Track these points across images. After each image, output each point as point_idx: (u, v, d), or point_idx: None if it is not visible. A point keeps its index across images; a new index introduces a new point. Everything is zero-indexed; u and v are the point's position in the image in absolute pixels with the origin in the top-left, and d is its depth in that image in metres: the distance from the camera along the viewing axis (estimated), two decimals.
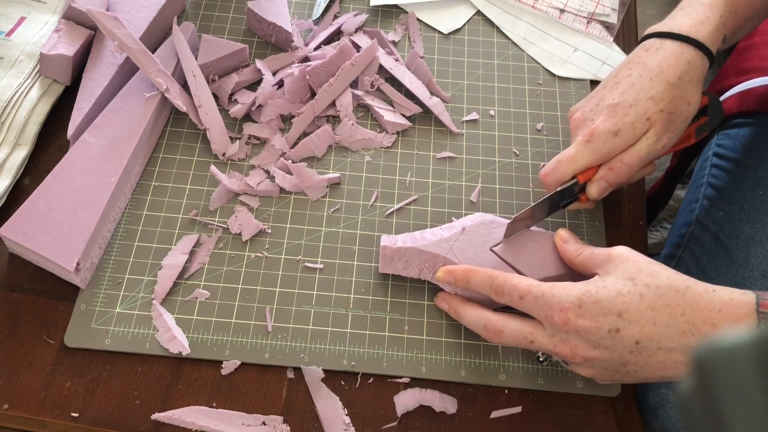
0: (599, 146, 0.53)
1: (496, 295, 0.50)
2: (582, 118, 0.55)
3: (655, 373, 0.46)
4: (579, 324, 0.45)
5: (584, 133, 0.54)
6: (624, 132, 0.53)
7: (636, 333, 0.45)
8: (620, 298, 0.46)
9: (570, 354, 0.47)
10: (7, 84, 0.62)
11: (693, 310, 0.45)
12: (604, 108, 0.54)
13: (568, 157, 0.54)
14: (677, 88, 0.53)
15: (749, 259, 0.60)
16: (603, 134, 0.53)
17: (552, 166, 0.55)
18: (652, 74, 0.53)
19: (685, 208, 0.70)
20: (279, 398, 0.53)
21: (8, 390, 0.52)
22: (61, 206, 0.56)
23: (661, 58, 0.53)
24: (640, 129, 0.53)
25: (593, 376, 0.48)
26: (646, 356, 0.45)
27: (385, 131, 0.65)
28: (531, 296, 0.48)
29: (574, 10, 0.75)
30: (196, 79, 0.63)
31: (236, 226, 0.59)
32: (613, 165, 0.54)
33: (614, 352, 0.46)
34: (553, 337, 0.47)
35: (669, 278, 0.46)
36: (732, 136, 0.69)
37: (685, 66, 0.53)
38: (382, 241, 0.56)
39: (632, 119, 0.52)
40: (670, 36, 0.54)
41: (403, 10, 0.74)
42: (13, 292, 0.56)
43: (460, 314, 0.53)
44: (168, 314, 0.55)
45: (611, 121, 0.53)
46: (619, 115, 0.53)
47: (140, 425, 0.52)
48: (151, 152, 0.63)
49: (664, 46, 0.54)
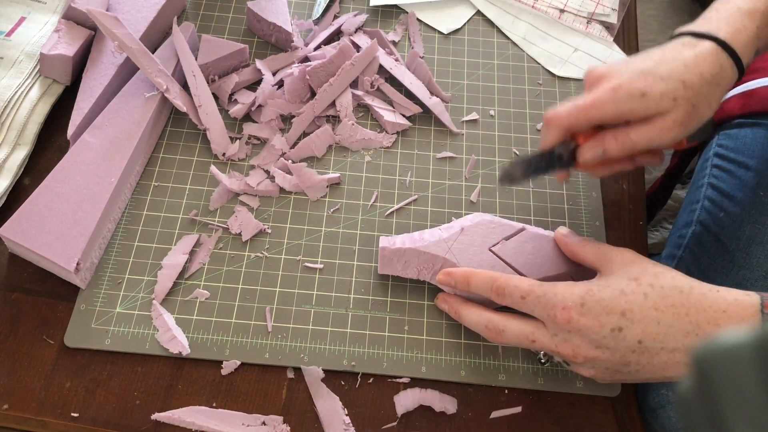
0: (624, 101, 0.48)
1: (497, 297, 0.50)
2: (605, 74, 0.51)
3: (657, 374, 0.46)
4: (582, 323, 0.45)
5: (610, 84, 0.49)
6: (651, 98, 0.48)
7: (639, 332, 0.45)
8: (624, 297, 0.45)
9: (572, 354, 0.46)
10: (7, 84, 0.62)
11: (697, 311, 0.45)
12: (633, 70, 0.50)
13: (590, 102, 0.49)
14: (708, 84, 0.50)
15: (750, 260, 0.60)
16: (633, 90, 0.48)
17: (568, 108, 0.50)
18: (688, 63, 0.50)
19: (685, 208, 0.70)
20: (279, 398, 0.53)
21: (8, 390, 0.52)
22: (61, 206, 0.56)
23: (698, 54, 0.50)
24: (664, 104, 0.49)
25: (594, 376, 0.48)
26: (649, 356, 0.45)
27: (385, 131, 0.65)
28: (533, 296, 0.48)
29: (574, 10, 0.75)
30: (196, 79, 0.63)
31: (236, 226, 0.59)
32: (618, 134, 0.50)
33: (616, 352, 0.45)
34: (555, 337, 0.47)
35: (673, 278, 0.46)
36: (733, 136, 0.69)
37: (719, 68, 0.50)
38: (380, 242, 0.56)
39: (661, 90, 0.48)
40: (708, 38, 0.51)
41: (403, 10, 0.74)
42: (13, 292, 0.56)
43: (461, 315, 0.53)
44: (168, 314, 0.55)
45: (642, 83, 0.49)
46: (649, 81, 0.49)
47: (140, 425, 0.52)
48: (151, 152, 0.63)
49: (701, 44, 0.51)
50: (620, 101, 0.49)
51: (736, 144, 0.68)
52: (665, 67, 0.50)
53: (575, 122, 0.50)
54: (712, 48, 0.51)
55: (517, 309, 0.49)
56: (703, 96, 0.50)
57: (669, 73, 0.49)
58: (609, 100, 0.49)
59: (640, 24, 0.75)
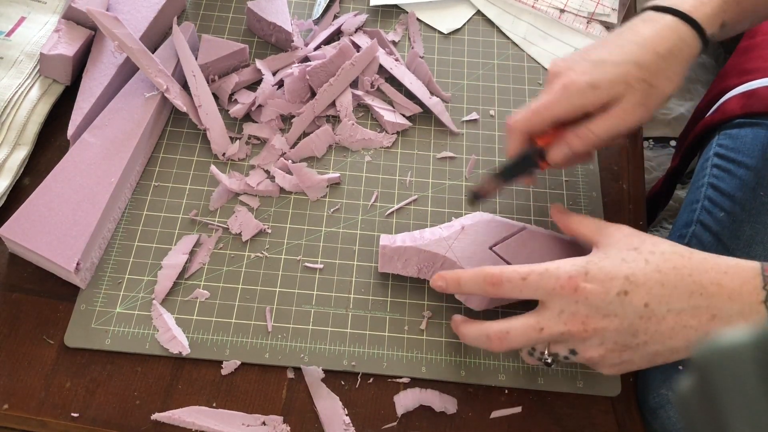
0: (576, 97, 0.51)
1: (493, 288, 0.49)
2: (563, 67, 0.52)
3: (665, 344, 0.45)
4: (588, 289, 0.45)
5: (563, 82, 0.51)
6: (602, 88, 0.50)
7: (644, 295, 0.45)
8: (625, 264, 0.46)
9: (581, 327, 0.46)
10: (7, 84, 0.62)
11: (700, 272, 0.45)
12: (587, 61, 0.52)
13: (543, 104, 0.51)
14: (665, 60, 0.51)
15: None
16: (581, 84, 0.51)
17: (524, 113, 0.52)
18: (644, 42, 0.51)
19: (686, 208, 0.70)
20: (279, 398, 0.53)
21: (8, 390, 0.52)
22: (61, 206, 0.56)
23: (656, 30, 0.52)
24: (617, 90, 0.50)
25: (602, 356, 0.47)
26: (656, 322, 0.45)
27: (385, 131, 0.65)
28: (534, 275, 0.47)
29: (574, 10, 0.75)
30: (196, 79, 0.63)
31: (236, 226, 0.59)
32: (580, 131, 0.51)
33: (624, 319, 0.45)
34: (562, 314, 0.46)
35: (672, 245, 0.47)
36: (733, 136, 0.69)
37: (677, 41, 0.51)
38: (381, 240, 0.56)
39: (611, 77, 0.50)
40: (670, 11, 0.52)
41: (403, 10, 0.74)
42: (13, 292, 0.56)
43: (462, 333, 0.51)
44: (168, 314, 0.55)
45: (591, 74, 0.51)
46: (599, 71, 0.51)
47: (140, 425, 0.52)
48: (151, 152, 0.63)
49: (662, 19, 0.52)
50: (572, 97, 0.51)
51: (736, 144, 0.68)
52: (619, 53, 0.51)
53: (533, 125, 0.52)
54: (672, 22, 0.52)
55: (517, 295, 0.48)
56: (660, 72, 0.51)
57: (622, 58, 0.51)
58: (560, 98, 0.51)
59: None
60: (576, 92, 0.51)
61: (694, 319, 0.45)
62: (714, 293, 0.44)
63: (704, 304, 0.44)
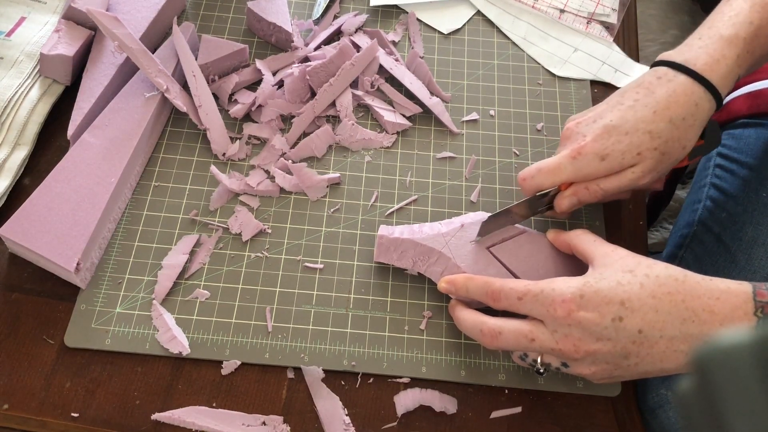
0: (583, 166, 0.52)
1: (492, 301, 0.50)
2: (575, 130, 0.54)
3: (656, 365, 0.46)
4: (582, 316, 0.45)
5: (572, 149, 0.52)
6: (611, 159, 0.51)
7: (639, 321, 0.45)
8: (621, 287, 0.46)
9: (573, 349, 0.46)
10: (7, 84, 0.62)
11: (692, 297, 0.45)
12: (599, 127, 0.52)
13: (549, 168, 0.53)
14: (678, 128, 0.51)
15: (752, 261, 0.60)
16: (590, 155, 0.51)
17: (531, 172, 0.54)
18: (658, 107, 0.51)
19: (687, 208, 0.70)
20: (279, 398, 0.53)
21: (8, 390, 0.52)
22: (61, 206, 0.56)
23: (670, 92, 0.51)
24: (628, 160, 0.51)
25: (594, 373, 0.47)
26: (648, 346, 0.45)
27: (385, 131, 0.65)
28: (530, 295, 0.47)
29: (574, 10, 0.75)
30: (196, 79, 0.63)
31: (236, 226, 0.59)
32: (590, 186, 0.53)
33: (617, 343, 0.45)
34: (555, 333, 0.46)
35: (667, 268, 0.47)
36: (737, 136, 0.69)
37: (693, 108, 0.51)
38: (380, 230, 0.56)
39: (623, 148, 0.51)
40: (685, 70, 0.52)
41: (403, 10, 0.74)
42: (13, 292, 0.56)
43: (458, 318, 0.52)
44: (168, 314, 0.55)
45: (601, 144, 0.51)
46: (611, 140, 0.51)
47: (140, 425, 0.52)
48: (151, 152, 0.63)
49: (676, 79, 0.52)
50: (581, 168, 0.52)
51: (739, 144, 0.68)
52: (632, 118, 0.51)
53: (541, 185, 0.54)
54: (687, 85, 0.51)
55: (514, 311, 0.49)
56: (672, 141, 0.51)
57: (635, 126, 0.51)
58: (569, 167, 0.52)
59: (640, 24, 0.75)
60: (585, 162, 0.52)
61: (685, 344, 0.45)
62: (706, 320, 0.45)
63: (696, 331, 0.45)
